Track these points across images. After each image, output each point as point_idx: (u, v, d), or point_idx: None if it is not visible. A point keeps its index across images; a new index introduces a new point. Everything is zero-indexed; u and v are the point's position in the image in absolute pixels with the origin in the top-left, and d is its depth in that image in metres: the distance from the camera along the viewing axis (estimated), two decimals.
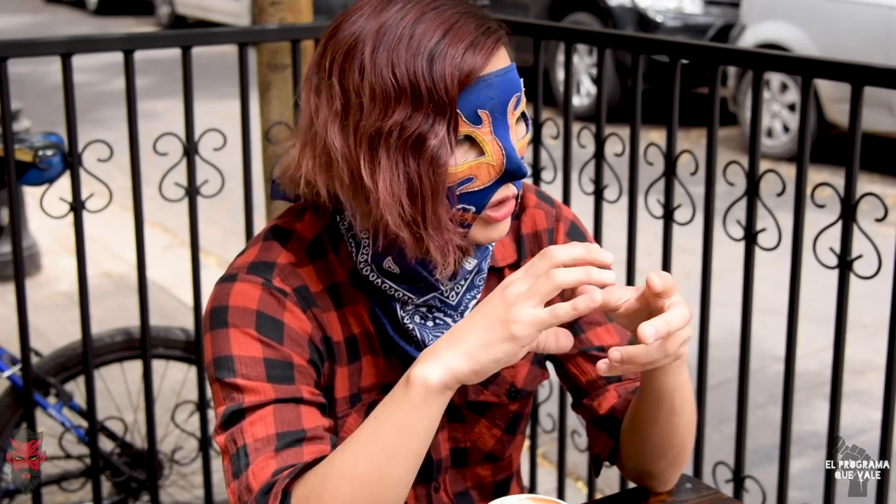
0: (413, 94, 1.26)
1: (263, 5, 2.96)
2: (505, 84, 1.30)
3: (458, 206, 1.31)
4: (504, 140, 1.31)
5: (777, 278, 3.41)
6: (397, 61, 1.27)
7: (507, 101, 1.31)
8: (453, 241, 1.32)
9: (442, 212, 1.29)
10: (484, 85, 1.29)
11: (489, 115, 1.29)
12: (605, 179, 2.64)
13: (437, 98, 1.26)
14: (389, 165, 1.28)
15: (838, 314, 2.21)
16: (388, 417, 1.25)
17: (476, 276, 1.45)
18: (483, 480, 1.57)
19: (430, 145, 1.26)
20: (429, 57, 1.26)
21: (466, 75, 1.27)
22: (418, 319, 1.43)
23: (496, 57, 1.30)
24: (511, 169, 1.31)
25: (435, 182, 1.28)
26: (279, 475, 1.28)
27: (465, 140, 1.30)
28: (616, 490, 2.96)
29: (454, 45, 1.27)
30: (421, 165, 1.27)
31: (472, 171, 1.30)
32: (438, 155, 1.27)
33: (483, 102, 1.29)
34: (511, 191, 1.34)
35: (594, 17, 8.84)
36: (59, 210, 2.49)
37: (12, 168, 2.42)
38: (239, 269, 1.40)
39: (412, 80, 1.26)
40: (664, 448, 1.45)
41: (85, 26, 14.93)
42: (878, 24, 7.01)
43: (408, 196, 1.28)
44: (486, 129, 1.29)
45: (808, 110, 2.24)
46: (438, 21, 1.29)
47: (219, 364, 1.35)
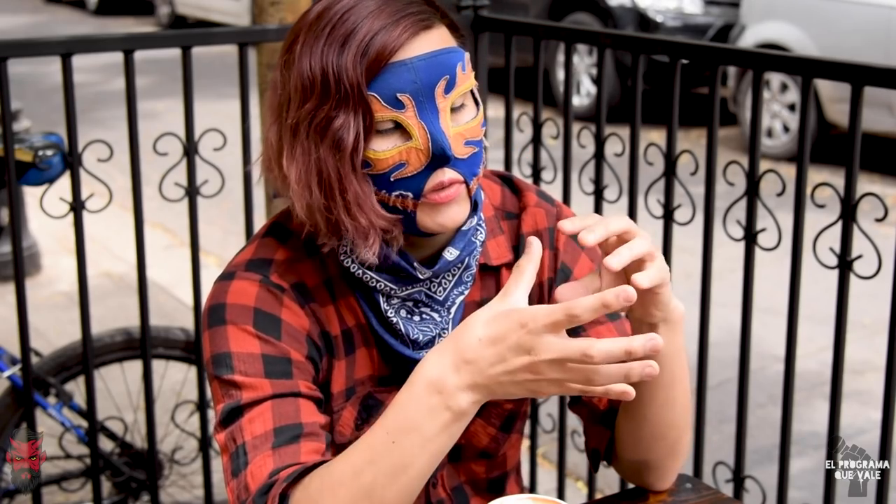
0: (323, 83, 1.29)
1: (263, 5, 2.96)
2: (430, 67, 1.30)
3: (394, 192, 1.32)
4: (430, 124, 1.30)
5: (777, 278, 3.41)
6: (314, 52, 1.30)
7: (433, 85, 1.30)
8: (377, 224, 1.32)
9: (351, 195, 1.30)
10: (403, 69, 1.29)
11: (411, 98, 1.30)
12: (605, 179, 2.64)
13: (343, 85, 1.28)
14: (301, 154, 1.31)
15: (838, 314, 2.21)
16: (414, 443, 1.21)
17: (464, 272, 1.45)
18: (477, 476, 1.57)
19: (333, 128, 1.28)
20: (341, 44, 1.28)
21: (374, 59, 1.28)
22: (404, 314, 1.43)
23: (420, 40, 1.31)
24: (437, 152, 1.30)
25: (338, 164, 1.29)
26: (277, 476, 1.27)
27: (395, 127, 1.31)
28: (616, 490, 2.96)
29: (369, 31, 1.29)
30: (325, 150, 1.29)
31: (402, 156, 1.31)
32: (340, 138, 1.28)
33: (403, 86, 1.29)
34: (446, 175, 1.33)
35: (594, 17, 8.84)
36: (59, 210, 2.49)
37: (12, 168, 2.42)
38: (237, 267, 1.40)
39: (323, 70, 1.29)
40: (664, 429, 1.42)
41: (85, 26, 14.93)
42: (878, 24, 7.01)
43: (317, 183, 1.30)
44: (409, 112, 1.30)
45: (808, 110, 2.24)
46: (364, 8, 1.30)
47: (217, 361, 1.36)
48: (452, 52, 1.33)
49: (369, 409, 1.47)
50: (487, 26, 2.82)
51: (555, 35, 2.87)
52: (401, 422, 1.22)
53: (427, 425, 1.21)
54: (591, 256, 1.55)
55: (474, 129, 1.35)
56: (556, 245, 1.53)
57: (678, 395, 1.40)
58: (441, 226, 1.35)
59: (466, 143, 1.34)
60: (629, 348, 1.13)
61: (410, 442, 1.21)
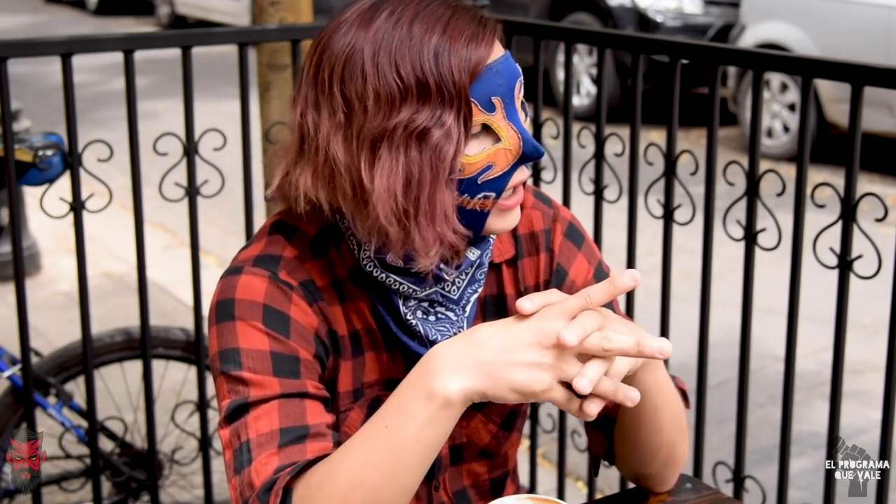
0: (420, 90, 1.28)
1: (263, 5, 2.96)
2: (508, 70, 1.34)
3: (479, 194, 1.33)
4: (517, 123, 1.34)
5: (777, 278, 3.41)
6: (401, 61, 1.28)
7: (513, 87, 1.34)
8: (446, 236, 1.32)
9: (437, 202, 1.30)
10: (492, 73, 1.31)
11: (501, 101, 1.32)
12: (605, 179, 2.64)
13: (446, 91, 1.28)
14: (389, 160, 1.29)
15: (838, 314, 2.21)
16: (404, 427, 1.23)
17: (477, 270, 1.45)
18: (479, 478, 1.57)
19: (434, 135, 1.28)
20: (434, 53, 1.28)
21: (475, 65, 1.30)
22: (420, 314, 1.43)
23: (496, 45, 1.34)
24: (528, 151, 1.34)
25: (434, 171, 1.29)
26: (281, 472, 1.27)
27: (482, 129, 1.32)
28: (616, 490, 2.96)
29: (456, 39, 1.30)
30: (423, 155, 1.28)
31: (491, 159, 1.32)
32: (442, 144, 1.28)
33: (494, 89, 1.31)
34: (524, 174, 1.37)
35: (594, 17, 8.84)
36: (59, 210, 2.49)
37: (12, 168, 2.42)
38: (244, 262, 1.40)
39: (419, 77, 1.28)
40: (654, 449, 1.46)
41: (85, 26, 14.93)
42: (878, 24, 7.01)
43: (403, 186, 1.29)
44: (499, 115, 1.32)
45: (808, 110, 2.24)
46: (433, 20, 1.31)
47: (225, 357, 1.35)
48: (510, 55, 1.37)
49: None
50: None
51: (555, 35, 2.87)
52: (393, 406, 1.25)
53: (416, 409, 1.23)
54: (588, 258, 1.55)
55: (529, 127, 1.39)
56: (551, 247, 1.54)
57: (665, 421, 1.43)
58: (505, 229, 1.39)
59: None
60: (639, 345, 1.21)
61: (402, 425, 1.23)
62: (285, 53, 2.85)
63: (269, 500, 1.25)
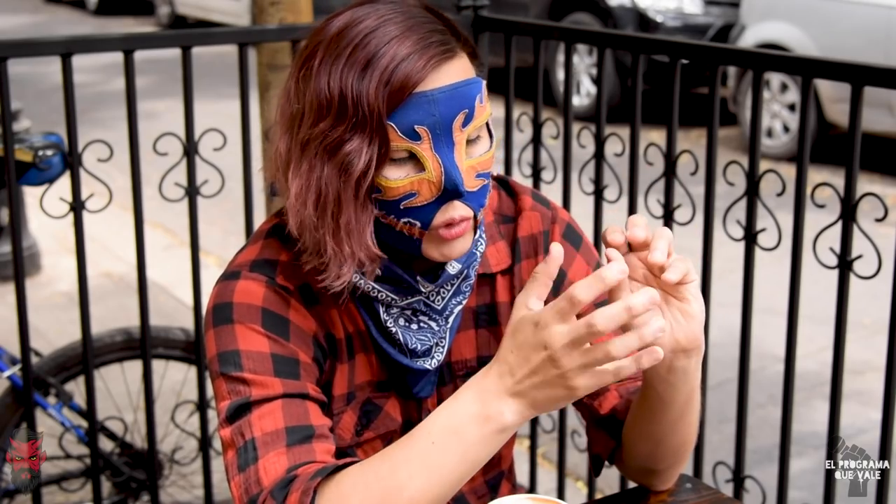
0: (341, 105, 1.27)
1: (263, 5, 2.96)
2: (451, 100, 1.29)
3: (403, 219, 1.31)
4: (445, 157, 1.29)
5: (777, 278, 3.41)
6: (333, 71, 1.28)
7: (451, 118, 1.29)
8: (357, 255, 1.31)
9: (344, 218, 1.30)
10: (424, 101, 1.27)
11: (428, 131, 1.28)
12: (605, 179, 2.64)
13: (361, 111, 1.26)
14: (307, 170, 1.30)
15: (838, 314, 2.21)
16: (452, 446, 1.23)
17: (463, 282, 1.45)
18: (475, 481, 1.57)
19: (343, 151, 1.27)
20: (362, 68, 1.26)
21: (397, 90, 1.26)
22: (402, 322, 1.43)
23: (442, 71, 1.29)
24: (448, 186, 1.29)
25: (342, 187, 1.28)
26: (295, 472, 1.27)
27: (410, 157, 1.29)
28: (616, 490, 2.96)
29: (391, 60, 1.26)
30: (331, 171, 1.28)
31: (414, 186, 1.30)
32: (350, 162, 1.27)
33: (422, 119, 1.27)
34: (457, 211, 1.32)
35: (594, 17, 8.84)
36: (59, 210, 2.49)
37: (12, 168, 2.42)
38: (241, 267, 1.40)
39: (342, 92, 1.27)
40: (671, 448, 1.45)
41: (85, 26, 14.93)
42: (878, 24, 7.01)
43: (314, 201, 1.29)
44: (425, 144, 1.28)
45: (808, 110, 2.24)
46: (382, 35, 1.28)
47: (224, 359, 1.35)
48: (472, 83, 1.31)
49: (368, 414, 1.47)
50: (487, 26, 2.82)
51: (555, 35, 2.87)
52: (443, 426, 1.23)
53: (468, 431, 1.22)
54: (587, 259, 1.55)
55: (486, 161, 1.35)
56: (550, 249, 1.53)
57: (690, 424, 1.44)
58: (446, 257, 1.36)
59: (477, 175, 1.33)
60: (627, 305, 1.15)
61: (450, 445, 1.22)
62: (285, 53, 2.85)
63: (289, 495, 1.24)
